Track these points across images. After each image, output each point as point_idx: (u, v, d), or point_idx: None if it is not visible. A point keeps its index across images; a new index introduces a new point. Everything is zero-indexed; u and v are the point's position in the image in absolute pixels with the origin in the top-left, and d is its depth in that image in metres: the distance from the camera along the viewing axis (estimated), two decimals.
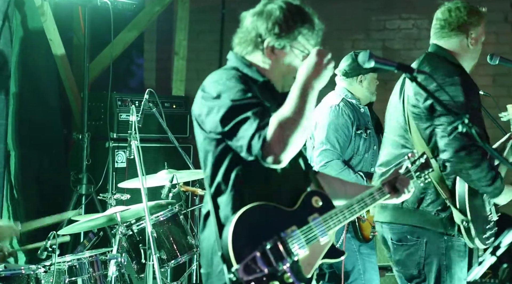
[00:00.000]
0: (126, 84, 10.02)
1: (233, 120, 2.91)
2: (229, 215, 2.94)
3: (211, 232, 2.98)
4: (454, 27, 4.02)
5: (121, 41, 7.67)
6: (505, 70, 7.01)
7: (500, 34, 7.88)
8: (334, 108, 5.17)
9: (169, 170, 5.62)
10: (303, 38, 3.08)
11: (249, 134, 2.87)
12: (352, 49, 8.07)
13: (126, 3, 6.89)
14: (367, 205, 3.25)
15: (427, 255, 3.92)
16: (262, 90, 3.05)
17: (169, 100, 7.30)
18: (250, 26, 3.11)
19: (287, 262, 2.91)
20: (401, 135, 4.00)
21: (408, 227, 3.94)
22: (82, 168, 6.67)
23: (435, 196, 3.90)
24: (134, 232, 5.32)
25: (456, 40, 4.02)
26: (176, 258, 5.36)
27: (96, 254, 5.11)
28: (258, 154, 2.87)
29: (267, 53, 3.09)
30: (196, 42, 8.41)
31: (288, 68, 3.11)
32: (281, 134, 2.84)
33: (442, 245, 3.90)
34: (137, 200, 5.32)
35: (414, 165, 3.44)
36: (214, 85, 3.01)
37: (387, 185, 3.32)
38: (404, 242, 3.97)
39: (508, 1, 7.84)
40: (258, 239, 2.90)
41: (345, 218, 3.17)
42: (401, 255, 4.00)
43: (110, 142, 6.79)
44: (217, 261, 2.93)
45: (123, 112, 6.83)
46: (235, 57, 3.17)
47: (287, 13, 3.07)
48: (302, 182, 3.18)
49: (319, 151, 5.07)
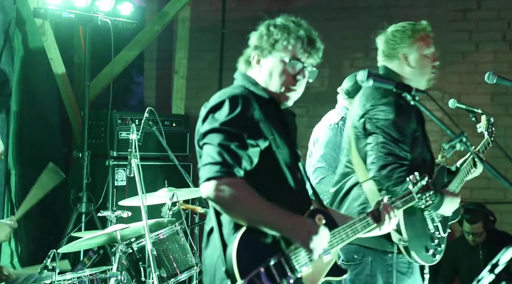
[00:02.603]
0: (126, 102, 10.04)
1: (209, 141, 2.98)
2: (233, 232, 2.96)
3: (215, 249, 3.00)
4: (387, 54, 4.06)
5: (121, 60, 7.70)
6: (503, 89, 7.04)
7: (498, 52, 7.93)
8: (334, 126, 5.19)
9: (169, 188, 5.62)
10: (290, 48, 3.12)
11: (208, 161, 2.94)
12: (351, 68, 8.14)
13: (127, 22, 6.93)
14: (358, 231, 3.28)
15: (373, 274, 3.93)
16: (267, 107, 3.10)
17: (169, 119, 7.33)
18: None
19: (291, 278, 2.93)
20: (345, 155, 4.06)
21: (355, 246, 3.94)
22: (82, 186, 6.69)
23: None
24: (134, 250, 5.31)
25: (395, 65, 4.05)
26: (176, 276, 5.35)
27: (96, 272, 5.11)
28: (200, 180, 2.95)
29: (254, 64, 3.18)
30: (196, 61, 8.45)
31: (269, 77, 3.15)
32: (228, 200, 2.90)
33: (386, 263, 3.91)
34: (137, 218, 5.33)
35: (416, 187, 3.46)
36: (217, 98, 3.07)
37: (371, 215, 3.33)
38: (351, 262, 3.99)
39: (506, 20, 7.89)
40: (262, 255, 2.92)
41: (348, 237, 3.19)
42: (350, 274, 3.96)
43: (110, 160, 6.81)
44: (221, 277, 2.94)
45: (123, 131, 6.85)
46: (241, 76, 3.22)
47: (271, 27, 3.15)
48: (306, 201, 3.21)
49: (314, 168, 5.10)
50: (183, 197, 5.65)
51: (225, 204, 2.92)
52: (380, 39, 4.12)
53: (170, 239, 5.42)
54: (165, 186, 5.66)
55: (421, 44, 4.07)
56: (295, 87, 3.16)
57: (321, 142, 5.19)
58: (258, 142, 3.01)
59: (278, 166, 3.08)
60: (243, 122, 3.00)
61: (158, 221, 5.47)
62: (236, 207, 2.92)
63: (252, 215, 2.93)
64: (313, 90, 7.93)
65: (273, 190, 3.04)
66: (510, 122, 7.68)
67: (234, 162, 2.93)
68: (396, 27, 4.11)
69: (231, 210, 2.93)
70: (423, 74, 4.06)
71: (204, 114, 3.06)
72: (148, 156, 6.79)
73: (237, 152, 2.94)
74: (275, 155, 3.08)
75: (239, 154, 2.95)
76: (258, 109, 3.05)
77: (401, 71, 4.03)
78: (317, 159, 5.13)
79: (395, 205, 3.40)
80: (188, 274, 5.45)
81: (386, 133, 3.83)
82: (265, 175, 3.05)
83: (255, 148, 3.01)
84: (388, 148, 3.80)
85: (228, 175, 2.91)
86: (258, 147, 3.02)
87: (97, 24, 6.67)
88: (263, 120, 3.05)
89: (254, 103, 3.06)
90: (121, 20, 6.88)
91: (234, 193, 2.89)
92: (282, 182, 3.10)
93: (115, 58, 7.16)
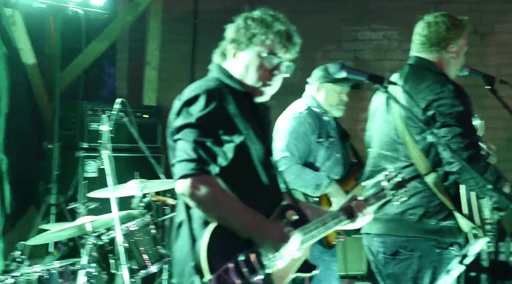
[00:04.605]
0: (97, 93, 9.98)
1: (184, 137, 2.96)
2: (202, 226, 2.94)
3: (184, 242, 2.99)
4: (433, 43, 4.04)
5: (93, 51, 7.64)
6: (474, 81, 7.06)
7: (469, 45, 7.94)
8: (298, 116, 5.18)
9: (140, 180, 5.60)
10: (268, 43, 3.11)
11: (183, 158, 2.92)
12: (324, 60, 8.15)
13: (98, 12, 6.86)
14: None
15: (420, 269, 3.91)
16: (242, 101, 3.09)
17: (140, 110, 7.29)
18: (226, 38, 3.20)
19: (260, 274, 2.92)
20: (393, 149, 4.00)
21: (402, 240, 3.92)
22: (52, 177, 6.63)
23: (438, 207, 3.89)
24: (104, 242, 5.29)
25: (437, 55, 4.05)
26: (146, 268, 5.33)
27: (65, 264, 5.07)
28: (175, 177, 2.93)
29: (230, 57, 3.16)
30: (168, 52, 8.40)
31: (246, 71, 3.14)
32: (204, 198, 2.88)
33: (435, 258, 3.89)
34: (107, 210, 5.29)
35: (390, 183, 3.46)
36: (191, 92, 3.05)
37: (344, 211, 3.33)
38: (396, 256, 3.96)
39: (478, 13, 7.94)
40: (232, 250, 2.90)
41: (319, 233, 3.18)
42: (392, 268, 3.98)
43: (80, 152, 6.75)
44: (189, 272, 2.92)
45: (94, 122, 6.79)
46: (216, 68, 3.20)
47: (249, 21, 3.13)
48: (278, 196, 3.20)
49: (278, 157, 5.08)
50: (154, 189, 5.63)
51: (201, 203, 2.90)
52: (426, 26, 4.07)
53: (141, 230, 5.40)
54: (136, 178, 5.63)
55: (465, 41, 4.12)
56: (271, 82, 3.16)
57: (283, 131, 5.16)
58: (233, 138, 3.00)
59: (251, 162, 3.07)
60: (218, 117, 2.98)
61: (128, 212, 5.44)
62: (210, 206, 2.91)
63: (225, 215, 2.91)
64: (285, 82, 7.83)
65: (246, 185, 3.03)
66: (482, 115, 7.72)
67: (209, 159, 2.91)
68: (445, 18, 4.08)
69: (205, 209, 2.92)
70: (457, 69, 4.10)
71: (178, 108, 3.03)
72: (119, 147, 6.73)
73: (212, 148, 2.93)
74: (249, 150, 3.06)
75: (214, 151, 2.93)
76: (233, 103, 3.04)
77: (442, 62, 4.04)
78: (281, 148, 5.11)
79: (369, 202, 3.39)
80: (159, 266, 5.43)
81: (461, 123, 3.80)
82: (238, 170, 3.04)
83: (230, 144, 2.99)
84: (467, 139, 3.77)
85: (203, 172, 2.90)
86: (233, 142, 3.00)
87: (68, 14, 6.60)
88: (238, 115, 3.04)
89: (229, 97, 3.04)
90: (93, 11, 6.80)
91: (209, 192, 2.88)
92: (255, 178, 3.09)
93: (86, 48, 7.09)
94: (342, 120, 5.43)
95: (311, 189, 5.03)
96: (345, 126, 5.60)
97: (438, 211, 3.89)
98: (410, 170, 3.89)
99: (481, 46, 7.99)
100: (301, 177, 5.01)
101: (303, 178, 5.00)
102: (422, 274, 3.90)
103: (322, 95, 5.26)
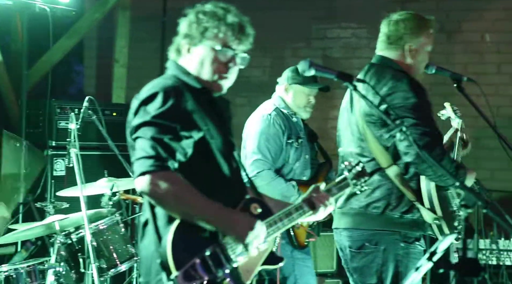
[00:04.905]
0: (65, 91, 9.91)
1: (142, 134, 2.95)
2: (167, 224, 2.94)
3: (150, 241, 2.98)
4: (392, 40, 4.09)
5: (60, 48, 7.59)
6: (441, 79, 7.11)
7: (436, 43, 7.97)
8: (266, 117, 5.17)
9: (109, 178, 5.57)
10: (221, 36, 3.10)
11: (141, 155, 2.91)
12: (293, 57, 8.16)
13: (66, 9, 6.81)
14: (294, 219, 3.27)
15: (384, 262, 3.95)
16: (200, 97, 3.08)
17: (109, 108, 7.25)
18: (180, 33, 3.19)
19: (227, 268, 2.92)
20: (357, 146, 4.03)
21: (368, 233, 3.96)
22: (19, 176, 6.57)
23: (400, 200, 3.94)
24: (73, 241, 5.26)
25: (398, 53, 4.09)
26: (116, 267, 5.31)
27: (34, 263, 5.04)
28: (134, 175, 2.93)
29: (184, 53, 3.15)
30: (137, 50, 8.37)
31: (201, 65, 3.13)
32: (163, 194, 2.87)
33: (399, 252, 3.94)
34: (76, 209, 5.26)
35: (351, 173, 3.48)
36: (148, 90, 3.03)
37: (306, 202, 3.33)
38: (362, 250, 4.00)
39: (444, 11, 8.01)
40: (198, 246, 2.90)
41: (283, 225, 3.19)
42: (358, 262, 4.02)
43: (48, 150, 6.70)
44: (156, 269, 2.91)
45: (62, 120, 6.75)
46: (173, 65, 3.19)
47: (200, 15, 3.12)
48: (241, 190, 3.20)
49: (251, 160, 5.08)
50: (123, 187, 5.60)
51: (160, 199, 2.89)
52: (387, 24, 4.11)
53: (110, 229, 5.37)
54: (105, 176, 5.61)
55: (427, 39, 4.13)
56: (227, 74, 3.15)
57: (253, 132, 5.16)
58: (191, 133, 2.99)
59: (212, 156, 3.07)
60: (176, 114, 2.97)
61: (97, 211, 5.42)
62: (171, 202, 2.90)
63: (188, 210, 2.91)
64: (255, 79, 7.94)
65: (208, 180, 3.03)
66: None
67: (168, 155, 2.91)
68: (408, 16, 4.11)
69: (166, 205, 2.91)
70: (418, 68, 4.12)
71: (136, 107, 3.02)
72: (88, 145, 6.70)
73: (170, 144, 2.92)
74: (210, 145, 3.06)
75: (172, 147, 2.92)
76: (191, 100, 3.03)
77: (402, 60, 4.07)
78: (252, 150, 5.11)
79: (331, 193, 3.41)
80: (128, 265, 5.41)
81: (414, 114, 3.85)
82: (200, 165, 3.03)
83: (189, 140, 2.99)
84: (421, 129, 3.82)
85: (162, 168, 2.88)
86: (192, 138, 3.00)
87: (35, 11, 6.54)
88: (197, 111, 3.03)
89: (187, 94, 3.04)
90: (60, 8, 6.76)
91: (169, 188, 2.87)
92: (217, 172, 3.09)
93: (54, 46, 7.03)
94: (311, 119, 5.44)
95: (277, 197, 5.02)
96: (315, 125, 5.61)
97: (400, 204, 3.94)
98: (373, 164, 3.94)
99: (448, 44, 8.06)
100: (272, 185, 5.00)
101: (273, 186, 4.99)
102: (386, 267, 3.95)
103: (290, 96, 5.26)
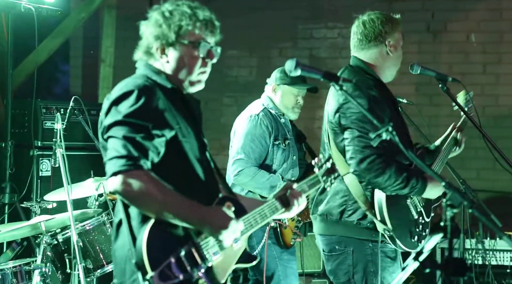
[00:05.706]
0: (51, 91, 9.87)
1: (114, 134, 2.94)
2: (141, 224, 2.92)
3: (125, 241, 2.96)
4: (371, 38, 4.10)
5: (46, 48, 7.56)
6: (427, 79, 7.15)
7: (422, 43, 8.08)
8: (254, 118, 5.18)
9: (95, 178, 5.56)
10: (197, 32, 3.10)
11: (113, 155, 2.91)
12: (279, 57, 8.18)
13: (51, 9, 6.78)
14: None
15: (355, 264, 4.00)
16: (171, 96, 3.08)
17: (95, 108, 7.20)
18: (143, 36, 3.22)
19: (202, 268, 2.92)
20: (324, 149, 4.11)
21: (336, 237, 4.04)
22: (5, 176, 6.54)
23: (355, 207, 3.99)
24: (59, 242, 5.24)
25: (376, 51, 4.10)
26: (102, 268, 5.30)
27: (20, 264, 5.03)
28: (107, 175, 2.92)
29: (158, 55, 3.14)
30: (123, 50, 8.34)
31: (180, 64, 3.12)
32: (136, 193, 2.85)
33: (368, 252, 3.99)
34: (62, 209, 5.24)
35: (321, 169, 3.49)
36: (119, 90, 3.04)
37: (279, 200, 3.34)
38: (333, 252, 4.06)
39: (430, 11, 8.04)
40: (173, 245, 2.90)
41: (256, 223, 3.20)
42: (331, 265, 4.09)
43: (34, 150, 6.67)
44: (131, 270, 2.91)
45: (48, 120, 6.72)
46: (143, 65, 3.19)
47: (167, 14, 3.12)
48: (214, 189, 3.20)
49: (233, 159, 5.10)
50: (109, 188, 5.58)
51: (134, 198, 2.88)
52: (361, 24, 4.12)
53: (97, 229, 5.36)
54: (92, 176, 5.59)
55: (400, 35, 4.13)
56: (206, 68, 3.16)
57: (239, 132, 5.18)
58: (163, 132, 2.98)
59: (185, 155, 3.07)
60: (147, 113, 2.97)
61: (84, 211, 5.40)
62: (144, 201, 2.88)
63: (162, 208, 2.89)
64: (242, 79, 7.94)
65: (181, 180, 3.02)
66: (434, 112, 7.84)
67: (140, 154, 2.89)
68: (378, 15, 4.12)
69: (140, 204, 2.90)
70: (397, 64, 4.13)
71: (107, 107, 3.01)
72: (74, 145, 6.68)
73: (142, 143, 2.91)
74: (181, 144, 3.05)
75: (144, 146, 2.92)
76: (162, 98, 3.03)
77: (380, 58, 4.08)
78: (236, 149, 5.13)
79: (303, 189, 3.42)
80: None
81: (360, 126, 3.86)
82: (172, 165, 3.03)
83: (161, 138, 2.98)
84: (364, 141, 3.83)
85: (134, 167, 2.87)
86: (164, 137, 2.99)
87: (20, 11, 6.51)
88: (168, 110, 3.03)
89: (158, 93, 3.04)
90: (45, 7, 6.72)
91: (142, 186, 2.85)
92: (189, 171, 3.08)
93: (39, 46, 7.00)
94: (299, 119, 5.46)
95: (266, 190, 5.06)
96: (302, 124, 5.63)
97: (356, 211, 3.99)
98: None
99: (434, 44, 8.10)
100: (256, 179, 5.04)
101: (257, 180, 5.04)
102: (356, 269, 4.01)
103: (278, 96, 5.27)
